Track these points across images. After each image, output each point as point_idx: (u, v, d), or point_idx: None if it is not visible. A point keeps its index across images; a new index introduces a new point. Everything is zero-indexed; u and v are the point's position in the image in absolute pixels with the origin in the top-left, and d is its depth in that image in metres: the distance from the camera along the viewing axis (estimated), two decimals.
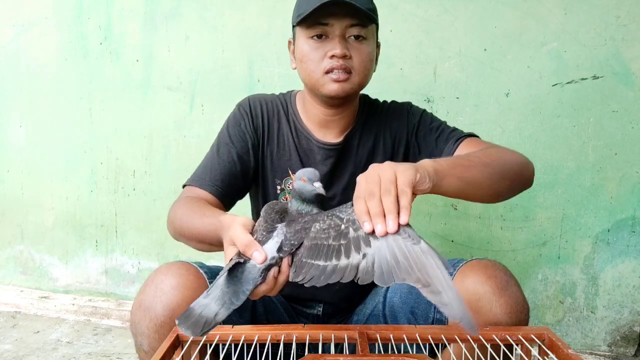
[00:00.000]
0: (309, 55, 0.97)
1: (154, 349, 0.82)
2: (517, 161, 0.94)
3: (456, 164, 0.84)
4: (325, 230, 0.70)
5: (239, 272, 0.68)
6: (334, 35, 0.96)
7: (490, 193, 0.89)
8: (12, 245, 2.15)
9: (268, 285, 0.71)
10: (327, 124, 1.07)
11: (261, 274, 0.68)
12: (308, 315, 1.13)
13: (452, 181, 0.80)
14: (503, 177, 0.89)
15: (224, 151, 1.05)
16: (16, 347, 1.75)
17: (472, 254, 1.68)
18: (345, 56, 0.95)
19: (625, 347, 1.64)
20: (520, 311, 0.82)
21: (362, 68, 0.98)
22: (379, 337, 0.73)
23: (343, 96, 0.99)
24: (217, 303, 0.65)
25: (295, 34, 1.02)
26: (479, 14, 1.59)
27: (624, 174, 1.57)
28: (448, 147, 1.03)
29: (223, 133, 1.08)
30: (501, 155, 0.92)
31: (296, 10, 1.00)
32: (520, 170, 0.94)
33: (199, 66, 1.85)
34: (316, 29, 0.96)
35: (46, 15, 1.97)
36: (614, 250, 1.61)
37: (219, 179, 1.03)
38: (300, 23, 0.96)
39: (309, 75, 0.99)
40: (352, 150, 1.08)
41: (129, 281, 2.03)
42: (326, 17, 0.94)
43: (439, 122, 1.09)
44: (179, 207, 0.99)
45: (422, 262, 0.62)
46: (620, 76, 1.53)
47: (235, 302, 0.65)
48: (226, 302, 0.65)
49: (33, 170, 2.08)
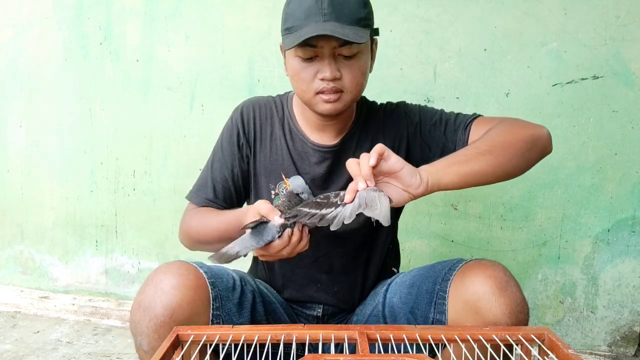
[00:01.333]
0: (299, 74, 0.95)
1: (153, 349, 0.82)
2: (524, 137, 0.92)
3: (452, 162, 0.86)
4: (319, 196, 0.90)
5: (261, 228, 0.85)
6: (324, 55, 0.92)
7: (500, 175, 0.89)
8: (12, 245, 2.15)
9: (282, 241, 0.84)
10: (323, 127, 1.06)
11: (278, 231, 0.84)
12: (308, 316, 1.13)
13: (452, 178, 0.84)
14: (508, 159, 0.88)
15: (217, 167, 1.10)
16: (16, 347, 1.75)
17: (472, 254, 1.68)
18: (335, 78, 0.93)
19: (625, 347, 1.64)
20: (520, 311, 0.82)
21: (354, 85, 0.96)
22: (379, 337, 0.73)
23: (335, 114, 0.99)
24: (239, 245, 0.85)
25: (284, 42, 0.97)
26: (479, 14, 1.59)
27: (624, 174, 1.57)
28: (459, 137, 1.02)
29: (217, 147, 1.12)
30: (504, 137, 0.91)
31: (284, 20, 0.96)
32: (530, 145, 0.92)
33: (199, 66, 1.85)
34: (305, 50, 0.92)
35: (46, 15, 1.97)
36: (614, 250, 1.61)
37: (213, 195, 1.09)
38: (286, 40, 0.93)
39: (301, 94, 0.99)
40: (349, 152, 1.07)
41: (129, 281, 2.03)
42: (315, 40, 0.90)
43: (438, 113, 1.08)
44: (190, 219, 1.08)
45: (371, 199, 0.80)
46: (620, 76, 1.53)
47: (255, 245, 0.84)
48: (247, 245, 0.84)
49: (33, 170, 2.08)
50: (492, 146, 0.89)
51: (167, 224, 1.94)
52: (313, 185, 1.07)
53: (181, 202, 1.16)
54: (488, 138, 0.92)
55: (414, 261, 1.71)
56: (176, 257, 1.89)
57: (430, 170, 0.83)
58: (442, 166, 0.85)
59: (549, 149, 0.97)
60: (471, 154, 0.88)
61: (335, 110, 0.97)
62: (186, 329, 0.75)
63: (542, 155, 0.96)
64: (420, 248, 1.72)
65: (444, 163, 0.86)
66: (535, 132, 0.94)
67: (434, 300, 0.92)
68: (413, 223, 1.71)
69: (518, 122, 0.97)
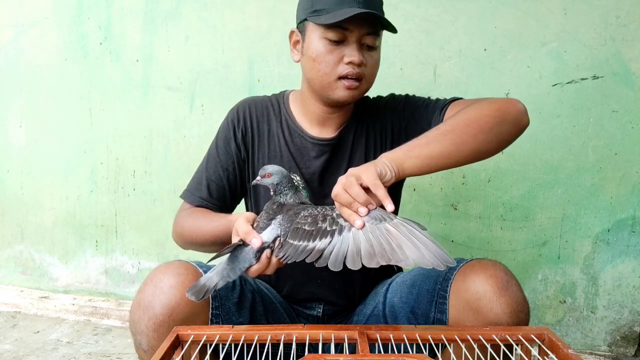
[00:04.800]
0: (324, 57, 0.96)
1: (153, 348, 0.82)
2: (490, 111, 0.88)
3: (413, 145, 0.83)
4: (306, 217, 0.81)
5: (238, 253, 0.81)
6: (351, 40, 0.94)
7: (467, 155, 0.86)
8: (12, 245, 2.15)
9: (261, 264, 0.81)
10: (324, 121, 1.07)
11: (255, 255, 0.80)
12: (308, 316, 1.13)
13: (414, 162, 0.81)
14: (472, 136, 0.85)
15: (212, 166, 1.11)
16: (16, 347, 1.75)
17: (472, 254, 1.68)
18: (362, 64, 0.95)
19: (625, 347, 1.64)
20: (520, 311, 0.82)
21: (372, 75, 1.00)
22: (379, 337, 0.73)
23: (350, 102, 1.01)
24: (217, 276, 0.80)
25: (305, 28, 0.99)
26: (479, 14, 1.59)
27: (624, 174, 1.57)
28: (434, 118, 1.01)
29: (212, 147, 1.13)
30: (468, 114, 0.88)
31: (311, 4, 0.96)
32: (499, 119, 0.88)
33: (199, 66, 1.85)
34: (336, 32, 0.93)
35: (46, 15, 1.97)
36: (614, 250, 1.61)
37: (207, 194, 1.09)
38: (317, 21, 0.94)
39: (321, 77, 0.98)
40: (347, 145, 1.08)
41: (129, 281, 2.03)
42: (347, 22, 0.92)
43: (423, 99, 1.08)
44: (183, 220, 1.08)
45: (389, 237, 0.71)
46: (620, 76, 1.53)
47: (232, 276, 0.80)
48: (224, 275, 0.79)
49: (33, 170, 2.08)
50: (455, 125, 0.86)
51: (167, 224, 1.93)
52: (311, 180, 1.07)
53: (181, 202, 1.16)
54: (452, 118, 0.90)
55: None
56: (176, 257, 1.88)
57: (391, 157, 0.81)
58: (403, 152, 0.82)
59: (525, 122, 0.93)
60: (433, 135, 0.85)
61: (352, 97, 0.99)
62: (186, 329, 0.75)
63: (517, 129, 0.92)
64: None
65: (404, 149, 0.83)
66: (504, 105, 0.91)
67: (435, 300, 0.92)
68: None
69: (488, 99, 0.94)
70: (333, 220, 0.78)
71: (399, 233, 0.71)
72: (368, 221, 0.74)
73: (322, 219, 0.78)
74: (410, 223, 0.72)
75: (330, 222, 0.77)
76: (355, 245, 0.73)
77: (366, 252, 0.71)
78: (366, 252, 0.71)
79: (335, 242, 0.75)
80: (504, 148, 0.92)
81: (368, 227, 0.73)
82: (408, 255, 0.68)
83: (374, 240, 0.72)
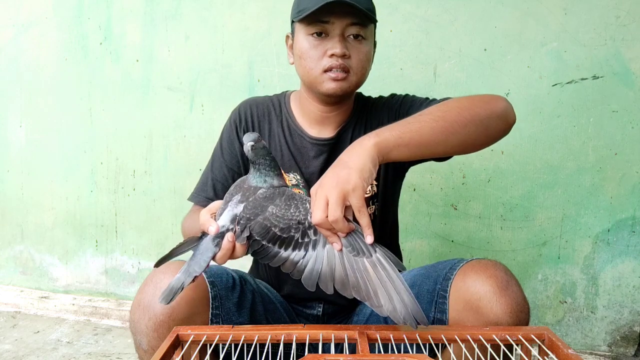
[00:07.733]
0: (308, 52, 0.98)
1: (153, 348, 0.82)
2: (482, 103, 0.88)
3: (406, 129, 0.81)
4: (280, 218, 0.77)
5: (200, 246, 0.78)
6: (334, 33, 0.96)
7: (454, 146, 0.85)
8: (12, 245, 2.15)
9: (224, 250, 0.77)
10: (323, 120, 1.08)
11: (215, 243, 0.77)
12: (308, 315, 1.13)
13: (402, 151, 0.80)
14: (464, 125, 0.84)
15: (217, 166, 1.12)
16: (16, 347, 1.75)
17: (472, 254, 1.68)
18: (344, 55, 0.96)
19: (625, 347, 1.64)
20: (520, 311, 0.82)
21: (360, 67, 0.99)
22: (379, 337, 0.73)
23: (340, 94, 1.00)
24: (184, 274, 0.75)
25: (294, 30, 1.03)
26: (479, 14, 1.59)
27: (624, 174, 1.57)
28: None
29: (217, 148, 1.15)
30: (460, 102, 0.88)
31: (296, 6, 1.00)
32: (489, 112, 0.87)
33: (199, 66, 1.85)
34: (316, 26, 0.96)
35: (46, 15, 1.97)
36: (614, 250, 1.61)
37: (213, 194, 1.10)
38: (300, 19, 0.97)
39: (308, 73, 1.00)
40: (345, 145, 1.07)
41: (129, 281, 2.03)
42: (327, 15, 0.94)
43: (422, 98, 1.08)
44: (185, 221, 1.09)
45: (366, 276, 0.71)
46: (620, 76, 1.53)
47: (198, 270, 0.75)
48: (191, 272, 0.75)
49: (33, 170, 2.08)
50: (447, 110, 0.85)
51: (167, 224, 1.94)
52: (311, 179, 1.07)
53: (181, 202, 1.16)
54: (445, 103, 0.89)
55: (414, 261, 1.71)
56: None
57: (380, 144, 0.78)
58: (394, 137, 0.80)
59: (512, 118, 0.92)
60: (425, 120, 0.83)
61: (341, 89, 0.98)
62: (186, 329, 0.75)
63: (505, 124, 0.91)
64: (420, 248, 1.72)
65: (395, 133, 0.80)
66: (492, 99, 0.91)
67: (435, 300, 0.92)
68: (413, 223, 1.71)
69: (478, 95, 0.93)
70: (305, 231, 0.76)
71: (376, 277, 0.71)
72: (347, 246, 0.73)
73: (295, 227, 0.76)
74: (389, 261, 0.72)
75: (302, 232, 0.76)
76: (330, 268, 0.73)
77: (340, 279, 0.72)
78: (340, 279, 0.72)
79: (309, 258, 0.75)
80: (491, 144, 0.91)
81: (345, 252, 0.73)
82: (382, 304, 0.69)
83: (350, 270, 0.72)
